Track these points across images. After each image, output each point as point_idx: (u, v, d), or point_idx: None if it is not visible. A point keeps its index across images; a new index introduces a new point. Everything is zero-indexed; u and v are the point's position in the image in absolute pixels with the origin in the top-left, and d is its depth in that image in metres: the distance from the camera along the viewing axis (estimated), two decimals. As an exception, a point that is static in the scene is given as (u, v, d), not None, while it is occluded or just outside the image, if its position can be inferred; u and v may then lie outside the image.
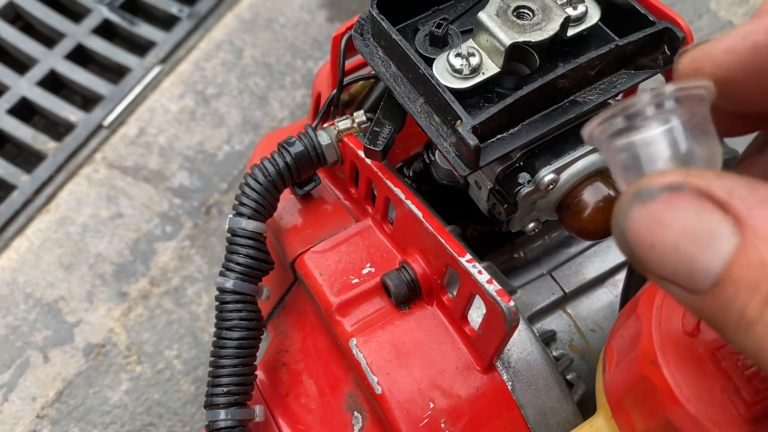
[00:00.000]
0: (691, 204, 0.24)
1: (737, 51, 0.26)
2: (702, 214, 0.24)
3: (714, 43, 0.27)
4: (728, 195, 0.24)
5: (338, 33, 0.57)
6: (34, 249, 1.04)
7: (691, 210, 0.24)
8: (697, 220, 0.24)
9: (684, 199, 0.25)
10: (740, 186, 0.24)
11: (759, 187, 0.24)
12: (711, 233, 0.24)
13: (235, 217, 0.55)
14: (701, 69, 0.27)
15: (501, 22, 0.47)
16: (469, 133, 0.44)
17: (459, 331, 0.51)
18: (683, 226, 0.24)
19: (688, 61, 0.28)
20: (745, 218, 0.23)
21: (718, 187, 0.24)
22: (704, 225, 0.24)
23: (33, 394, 0.93)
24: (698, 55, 0.27)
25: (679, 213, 0.25)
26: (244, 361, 0.54)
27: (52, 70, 1.21)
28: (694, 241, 0.24)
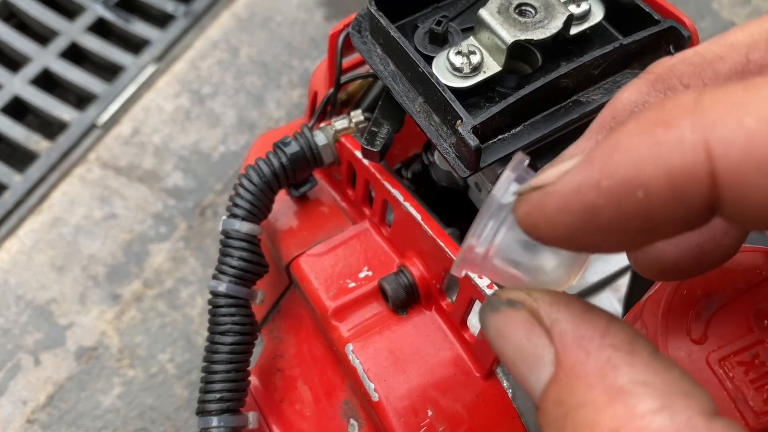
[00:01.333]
0: (522, 323, 0.25)
1: (569, 210, 0.23)
2: (531, 336, 0.25)
3: (545, 197, 0.23)
4: (551, 324, 0.24)
5: (335, 30, 0.56)
6: (26, 250, 1.02)
7: (523, 330, 0.25)
8: (526, 342, 0.25)
9: (518, 317, 0.25)
10: (565, 317, 0.24)
11: (587, 317, 0.24)
12: (536, 357, 0.24)
13: (228, 219, 0.53)
14: (537, 226, 0.24)
15: (503, 20, 0.46)
16: (469, 133, 0.43)
17: (458, 337, 0.49)
18: (517, 344, 0.25)
19: (523, 214, 0.24)
20: (560, 352, 0.24)
21: (545, 313, 0.25)
22: (532, 348, 0.25)
23: (23, 398, 0.92)
24: (532, 210, 0.24)
25: (513, 330, 0.25)
26: (237, 367, 0.52)
27: (45, 69, 1.19)
28: (523, 361, 0.25)
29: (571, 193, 0.22)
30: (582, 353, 0.23)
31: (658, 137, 0.21)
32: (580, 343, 0.24)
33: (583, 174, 0.22)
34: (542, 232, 0.24)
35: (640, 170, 0.21)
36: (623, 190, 0.21)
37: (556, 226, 0.23)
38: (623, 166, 0.21)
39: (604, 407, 0.22)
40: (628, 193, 0.21)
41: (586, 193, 0.22)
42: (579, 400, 0.23)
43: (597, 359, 0.23)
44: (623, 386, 0.22)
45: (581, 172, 0.22)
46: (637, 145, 0.21)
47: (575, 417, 0.22)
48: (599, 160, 0.22)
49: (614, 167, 0.21)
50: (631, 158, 0.21)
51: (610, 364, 0.23)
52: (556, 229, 0.23)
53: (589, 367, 0.23)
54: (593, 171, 0.22)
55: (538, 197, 0.24)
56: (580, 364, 0.23)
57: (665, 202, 0.21)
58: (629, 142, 0.21)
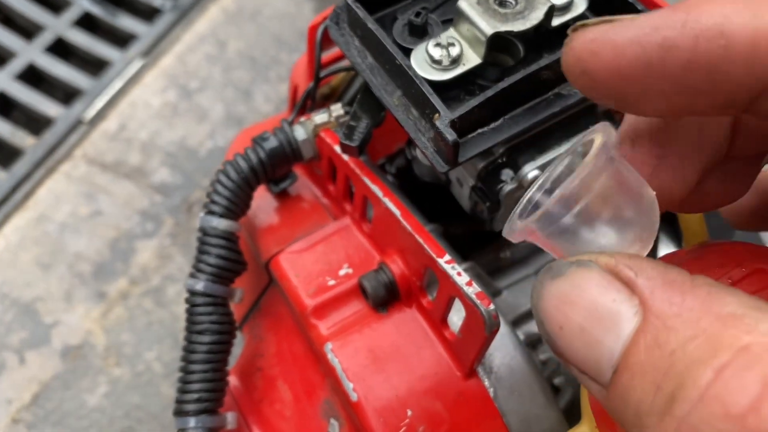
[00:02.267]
0: (597, 281, 0.23)
1: (644, 44, 0.22)
2: (607, 292, 0.23)
3: (618, 28, 0.23)
4: (635, 274, 0.23)
5: (315, 23, 0.54)
6: (11, 248, 1.01)
7: (597, 288, 0.23)
8: (602, 299, 0.23)
9: (591, 275, 0.23)
10: (649, 266, 0.23)
11: (670, 269, 0.23)
12: (615, 314, 0.22)
13: (206, 216, 0.52)
14: (598, 54, 0.23)
15: (482, 11, 0.45)
16: (447, 127, 0.42)
17: (439, 336, 0.48)
18: (589, 306, 0.23)
19: (585, 41, 0.24)
20: (649, 299, 0.22)
21: (625, 266, 0.23)
22: (609, 305, 0.22)
23: (8, 398, 0.91)
24: (598, 36, 0.23)
25: (585, 291, 0.23)
26: (215, 367, 0.51)
27: (31, 64, 1.18)
28: (598, 323, 0.23)
29: (649, 27, 0.22)
30: (676, 294, 0.21)
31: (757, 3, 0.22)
32: (672, 285, 0.22)
33: (666, 15, 0.22)
34: (601, 61, 0.23)
35: (729, 20, 0.21)
36: (707, 35, 0.21)
37: (621, 57, 0.23)
38: (713, 13, 0.22)
39: (720, 331, 0.20)
40: (711, 38, 0.21)
41: (667, 31, 0.22)
42: (686, 335, 0.21)
43: (695, 296, 0.21)
44: (735, 312, 0.20)
45: (665, 13, 0.22)
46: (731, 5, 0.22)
47: (685, 351, 0.20)
48: (686, 6, 0.22)
49: (702, 12, 0.22)
50: (723, 9, 0.22)
51: (712, 296, 0.21)
52: (618, 60, 0.23)
53: (689, 304, 0.21)
54: (680, 14, 0.22)
55: (611, 26, 0.23)
56: (677, 305, 0.21)
57: (741, 58, 0.21)
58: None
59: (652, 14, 0.23)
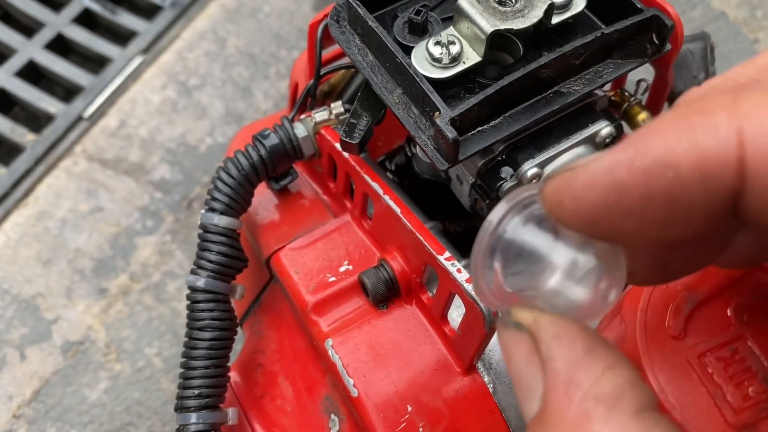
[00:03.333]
0: (525, 350, 0.26)
1: (597, 188, 0.23)
2: (529, 365, 0.25)
3: (576, 174, 0.24)
4: (547, 360, 0.25)
5: (315, 20, 0.55)
6: (12, 244, 1.02)
7: (524, 356, 0.26)
8: (524, 369, 0.25)
9: (522, 342, 0.26)
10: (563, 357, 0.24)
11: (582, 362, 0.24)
12: (529, 387, 0.25)
13: (207, 213, 0.53)
14: (563, 203, 0.24)
15: (482, 9, 0.45)
16: (447, 125, 0.42)
17: (438, 332, 0.49)
18: (516, 367, 0.26)
19: (550, 191, 0.25)
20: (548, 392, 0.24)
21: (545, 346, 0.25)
22: (527, 377, 0.25)
23: (9, 393, 0.91)
24: (560, 185, 0.24)
25: (516, 353, 0.26)
26: (216, 363, 0.52)
27: (31, 61, 1.18)
28: (519, 386, 0.26)
29: (602, 171, 0.23)
30: (566, 399, 0.23)
31: (694, 123, 0.22)
32: (568, 388, 0.24)
33: (617, 155, 0.23)
34: (566, 209, 0.24)
35: (672, 151, 0.22)
36: (654, 169, 0.22)
37: (581, 203, 0.24)
38: (657, 146, 0.22)
39: None
40: (659, 172, 0.22)
41: (617, 171, 0.23)
42: None
43: (577, 409, 0.23)
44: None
45: (616, 153, 0.23)
46: (673, 129, 0.22)
47: None
48: (635, 143, 0.23)
49: (648, 148, 0.22)
50: (666, 140, 0.22)
51: (587, 417, 0.23)
52: (580, 206, 0.24)
53: (569, 415, 0.23)
54: (627, 152, 0.23)
55: (569, 175, 0.24)
56: (562, 409, 0.23)
57: (693, 184, 0.22)
58: (665, 126, 0.23)
59: (606, 155, 0.24)
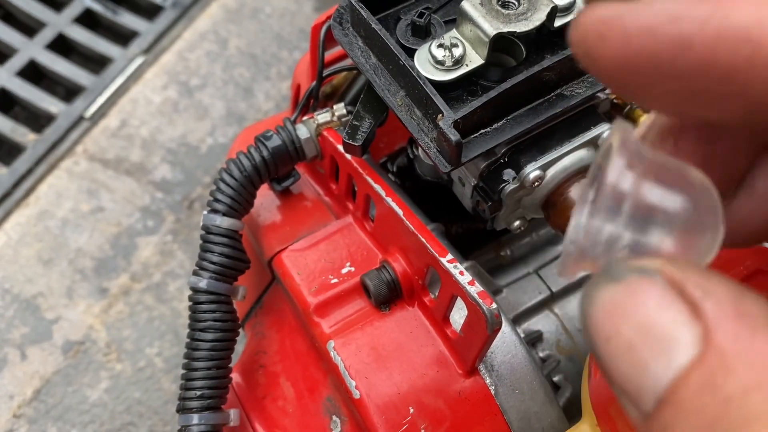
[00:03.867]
0: (658, 295, 0.20)
1: (657, 36, 0.20)
2: (667, 310, 0.20)
3: (633, 11, 0.20)
4: (703, 295, 0.19)
5: (318, 22, 0.55)
6: (13, 244, 1.02)
7: (657, 302, 0.20)
8: (660, 317, 0.20)
9: (653, 287, 0.20)
10: (722, 289, 0.20)
11: (746, 296, 0.19)
12: (671, 337, 0.19)
13: (209, 214, 0.53)
14: (605, 38, 0.20)
15: (485, 12, 0.45)
16: (450, 127, 0.42)
17: (441, 333, 0.49)
18: (644, 321, 0.20)
19: (595, 20, 0.21)
20: (713, 330, 0.19)
21: (694, 284, 0.20)
22: (667, 325, 0.20)
23: (10, 393, 0.91)
24: (608, 18, 0.20)
25: (643, 303, 0.20)
26: (218, 364, 0.52)
27: (32, 60, 1.18)
28: (650, 343, 0.20)
29: (668, 17, 0.19)
30: (746, 329, 0.18)
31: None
32: (743, 319, 0.19)
33: (693, 5, 0.19)
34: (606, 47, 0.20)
35: (761, 26, 0.18)
36: (732, 38, 0.19)
37: (628, 46, 0.20)
38: (745, 14, 0.19)
39: None
40: (736, 44, 0.19)
41: (687, 25, 0.19)
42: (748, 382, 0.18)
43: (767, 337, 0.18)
44: None
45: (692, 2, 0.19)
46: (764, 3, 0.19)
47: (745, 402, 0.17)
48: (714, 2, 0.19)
49: (734, 10, 0.19)
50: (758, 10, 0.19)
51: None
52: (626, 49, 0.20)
53: (759, 345, 0.18)
54: (706, 6, 0.19)
55: (624, 8, 0.20)
56: (744, 341, 0.18)
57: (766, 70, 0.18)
58: None
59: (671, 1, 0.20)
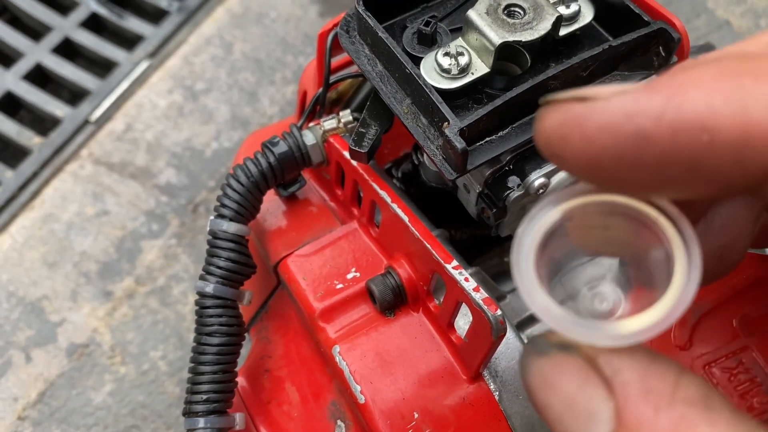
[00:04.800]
0: (576, 371, 0.22)
1: (615, 134, 0.20)
2: (585, 387, 0.21)
3: (589, 111, 0.20)
4: (613, 373, 0.21)
5: (324, 30, 0.55)
6: (18, 246, 1.02)
7: (576, 379, 0.22)
8: (579, 394, 0.22)
9: (571, 363, 0.22)
10: (630, 367, 0.21)
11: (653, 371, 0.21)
12: (590, 413, 0.21)
13: (216, 219, 0.53)
14: (568, 140, 0.21)
15: (491, 21, 0.46)
16: (456, 135, 0.43)
17: (445, 339, 0.49)
18: (566, 396, 0.22)
19: (554, 123, 0.21)
20: (622, 407, 0.21)
21: (605, 361, 0.21)
22: (585, 402, 0.21)
23: (14, 395, 0.91)
24: (567, 119, 0.21)
25: (564, 379, 0.22)
26: (224, 368, 0.52)
27: (38, 64, 1.19)
28: (575, 417, 0.22)
29: (623, 115, 0.20)
30: (650, 409, 0.20)
31: (745, 85, 0.19)
32: (648, 397, 0.20)
33: (643, 99, 0.20)
34: (570, 148, 0.21)
35: (714, 113, 0.19)
36: (687, 128, 0.19)
37: (590, 146, 0.20)
38: (696, 102, 0.19)
39: None
40: (692, 133, 0.19)
41: (642, 120, 0.19)
42: None
43: (669, 416, 0.20)
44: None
45: (642, 96, 0.20)
46: (718, 85, 0.19)
47: None
48: (668, 90, 0.19)
49: (684, 101, 0.19)
50: (708, 97, 0.19)
51: (685, 421, 0.20)
52: (589, 149, 0.20)
53: (660, 425, 0.20)
54: (658, 99, 0.19)
55: (581, 109, 0.21)
56: (647, 422, 0.20)
57: (728, 154, 0.19)
58: (707, 78, 0.19)
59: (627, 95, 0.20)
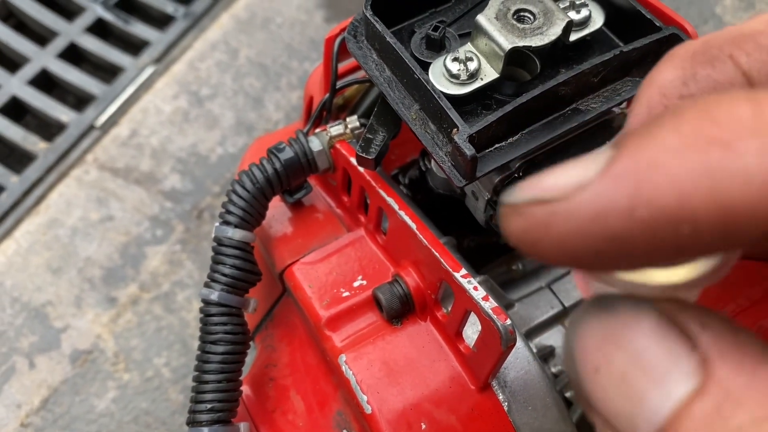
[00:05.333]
0: (653, 327, 0.19)
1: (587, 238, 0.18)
2: (663, 342, 0.19)
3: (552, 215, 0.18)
4: (700, 329, 0.19)
5: (331, 35, 0.55)
6: (22, 252, 1.02)
7: (652, 334, 0.19)
8: (655, 348, 0.19)
9: (647, 319, 0.20)
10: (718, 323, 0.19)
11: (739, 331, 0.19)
12: (668, 368, 0.19)
13: (221, 226, 0.53)
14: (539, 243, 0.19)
15: (500, 26, 0.45)
16: (465, 142, 0.42)
17: (453, 349, 0.48)
18: (638, 352, 0.19)
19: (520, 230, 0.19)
20: (714, 362, 0.18)
21: (689, 317, 0.19)
22: (662, 356, 0.19)
23: (17, 402, 0.91)
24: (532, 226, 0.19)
25: (637, 334, 0.20)
26: (228, 377, 0.51)
27: (44, 69, 1.19)
28: (645, 373, 0.19)
29: (590, 217, 0.18)
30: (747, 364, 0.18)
31: (713, 161, 0.16)
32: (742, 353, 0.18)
33: (608, 194, 0.17)
34: (544, 250, 0.19)
35: (687, 201, 0.17)
36: (663, 223, 0.17)
37: (563, 247, 0.18)
38: (666, 193, 0.17)
39: None
40: (670, 226, 0.17)
41: (613, 220, 0.17)
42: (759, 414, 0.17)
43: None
44: None
45: (606, 190, 0.18)
46: (685, 167, 0.17)
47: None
48: (630, 178, 0.17)
49: (653, 193, 0.17)
50: (677, 185, 0.17)
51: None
52: (562, 249, 0.19)
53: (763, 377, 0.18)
54: (622, 193, 0.17)
55: (543, 214, 0.19)
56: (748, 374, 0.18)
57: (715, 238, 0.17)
58: (673, 160, 0.17)
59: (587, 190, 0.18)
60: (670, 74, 0.23)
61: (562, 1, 0.48)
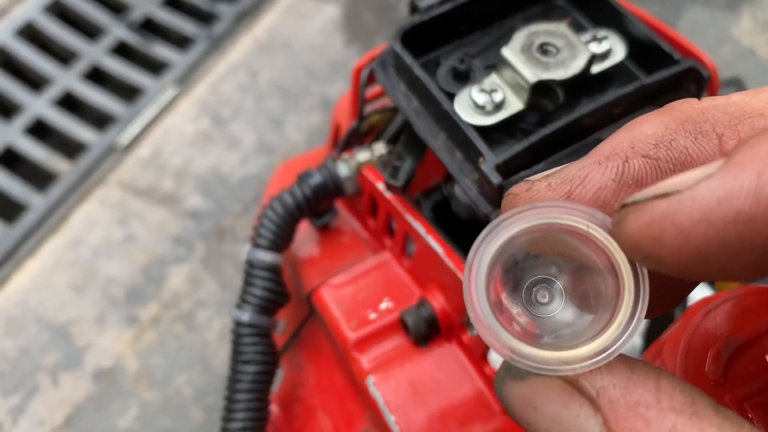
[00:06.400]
0: (558, 392, 0.22)
1: (714, 224, 0.19)
2: (570, 406, 0.22)
3: (678, 207, 0.19)
4: (596, 393, 0.22)
5: (360, 65, 0.56)
6: (46, 271, 1.04)
7: (560, 399, 0.22)
8: (565, 413, 0.22)
9: (552, 384, 0.22)
10: (611, 384, 0.21)
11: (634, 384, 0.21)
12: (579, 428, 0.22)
13: (252, 249, 0.54)
14: (662, 240, 0.20)
15: (525, 59, 0.47)
16: (492, 170, 0.44)
17: (479, 371, 0.50)
18: (552, 416, 0.22)
19: (642, 225, 0.20)
20: (612, 423, 0.21)
21: (586, 382, 0.22)
22: (572, 419, 0.22)
23: (41, 418, 0.92)
24: (655, 219, 0.20)
25: (547, 400, 0.22)
26: (259, 396, 0.53)
27: (67, 90, 1.21)
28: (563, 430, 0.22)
29: (717, 201, 0.19)
30: (641, 423, 0.20)
31: None
32: (636, 410, 0.21)
33: (734, 179, 0.19)
34: (667, 247, 0.20)
35: None
36: None
37: (689, 240, 0.19)
38: None
39: None
40: None
41: (740, 202, 0.18)
42: None
43: (660, 428, 0.20)
44: None
45: (731, 176, 0.19)
46: None
47: None
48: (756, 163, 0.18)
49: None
50: None
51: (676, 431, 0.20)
52: (688, 243, 0.19)
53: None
54: (747, 176, 0.18)
55: (667, 205, 0.19)
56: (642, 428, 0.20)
57: None
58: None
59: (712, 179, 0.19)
60: (650, 130, 0.24)
61: (584, 34, 0.49)
